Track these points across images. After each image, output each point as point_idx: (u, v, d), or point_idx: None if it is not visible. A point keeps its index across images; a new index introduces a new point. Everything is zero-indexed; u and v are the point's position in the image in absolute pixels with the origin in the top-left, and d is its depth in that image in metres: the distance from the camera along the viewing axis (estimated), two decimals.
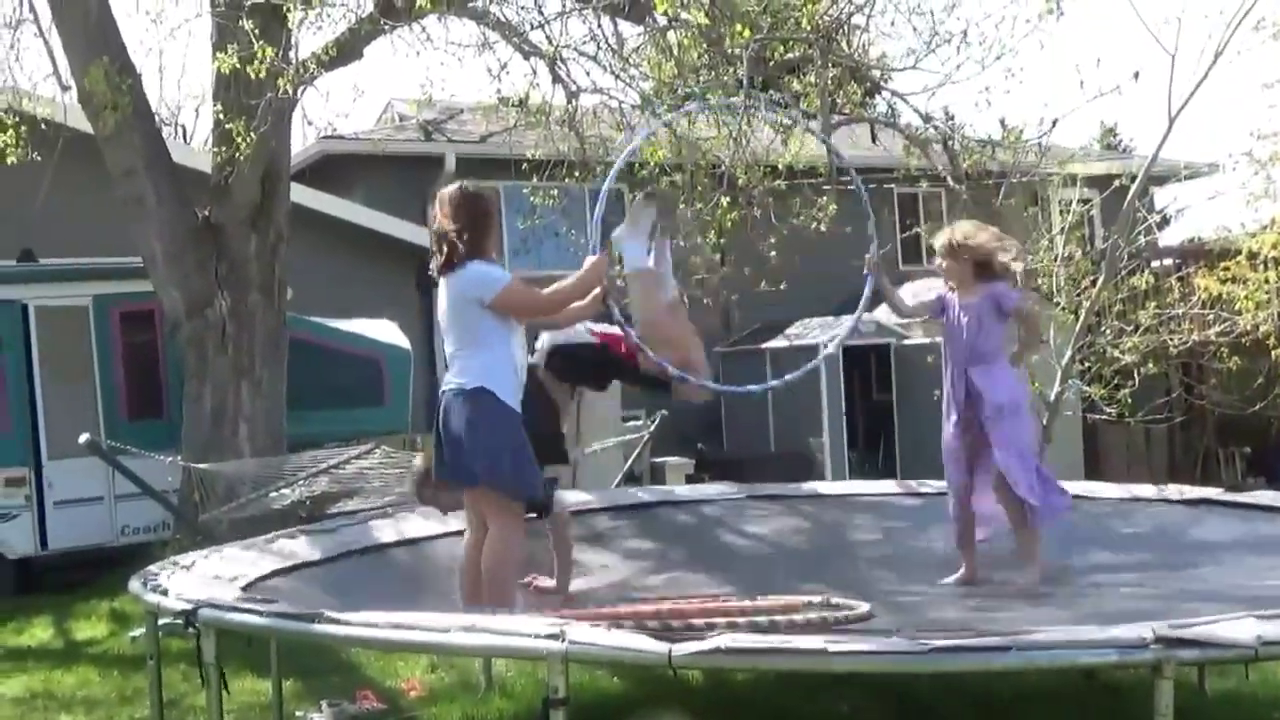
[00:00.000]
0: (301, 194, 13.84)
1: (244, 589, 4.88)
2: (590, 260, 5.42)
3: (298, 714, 6.15)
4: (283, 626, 4.20)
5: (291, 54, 9.26)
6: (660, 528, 7.21)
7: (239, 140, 9.38)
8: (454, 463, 5.17)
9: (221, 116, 9.76)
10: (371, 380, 13.10)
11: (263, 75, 8.86)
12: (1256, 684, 6.35)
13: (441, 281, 5.26)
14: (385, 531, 6.74)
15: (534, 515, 5.60)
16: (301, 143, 17.30)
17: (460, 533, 6.68)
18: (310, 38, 10.29)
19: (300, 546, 6.06)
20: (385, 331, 13.66)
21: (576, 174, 11.37)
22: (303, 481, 8.59)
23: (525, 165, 11.34)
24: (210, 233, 10.31)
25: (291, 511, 8.48)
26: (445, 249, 5.20)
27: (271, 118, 9.31)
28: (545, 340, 5.94)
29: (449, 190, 5.29)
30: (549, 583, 5.98)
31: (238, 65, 8.96)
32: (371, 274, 15.54)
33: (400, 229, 16.05)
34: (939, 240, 5.98)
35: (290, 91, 9.14)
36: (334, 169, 17.32)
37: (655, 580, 6.15)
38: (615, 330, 5.66)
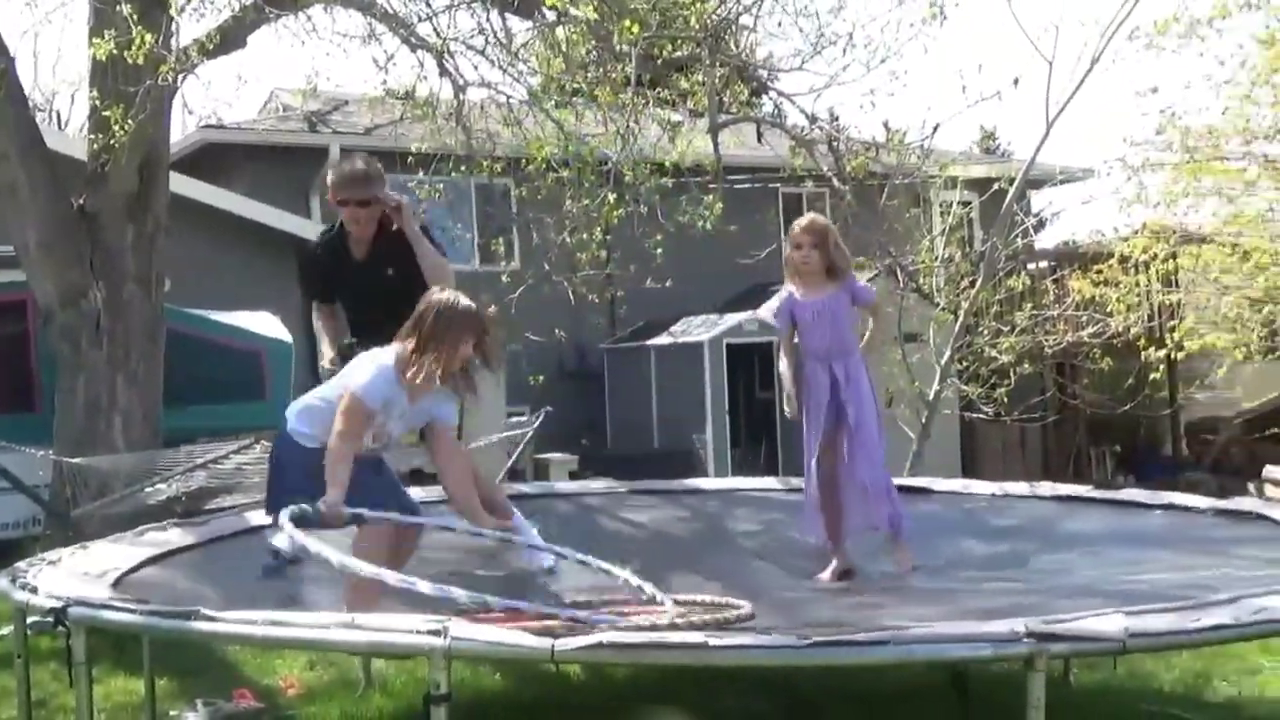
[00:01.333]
0: (181, 184, 13.57)
1: (115, 584, 4.77)
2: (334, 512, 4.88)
3: (172, 713, 6.04)
4: (156, 625, 4.12)
5: (172, 40, 9.08)
6: (543, 521, 7.20)
7: (116, 127, 9.18)
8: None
9: (98, 103, 9.54)
10: (252, 374, 12.90)
11: (142, 61, 8.68)
12: (1124, 676, 6.54)
13: None
14: (260, 517, 6.65)
15: None
16: (181, 131, 16.95)
17: None
18: (192, 24, 10.12)
19: (172, 538, 5.95)
20: (266, 325, 13.46)
21: (463, 168, 11.31)
22: (179, 477, 8.43)
23: (411, 158, 11.26)
24: (85, 222, 10.07)
25: (167, 507, 8.32)
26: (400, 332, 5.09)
27: (151, 105, 9.11)
28: None
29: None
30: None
31: (116, 51, 8.77)
32: (253, 266, 15.29)
33: (283, 221, 15.82)
34: (805, 224, 5.97)
35: (170, 79, 8.96)
36: (215, 159, 17.03)
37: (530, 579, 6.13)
38: None
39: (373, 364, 4.93)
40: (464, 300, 5.00)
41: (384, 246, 6.12)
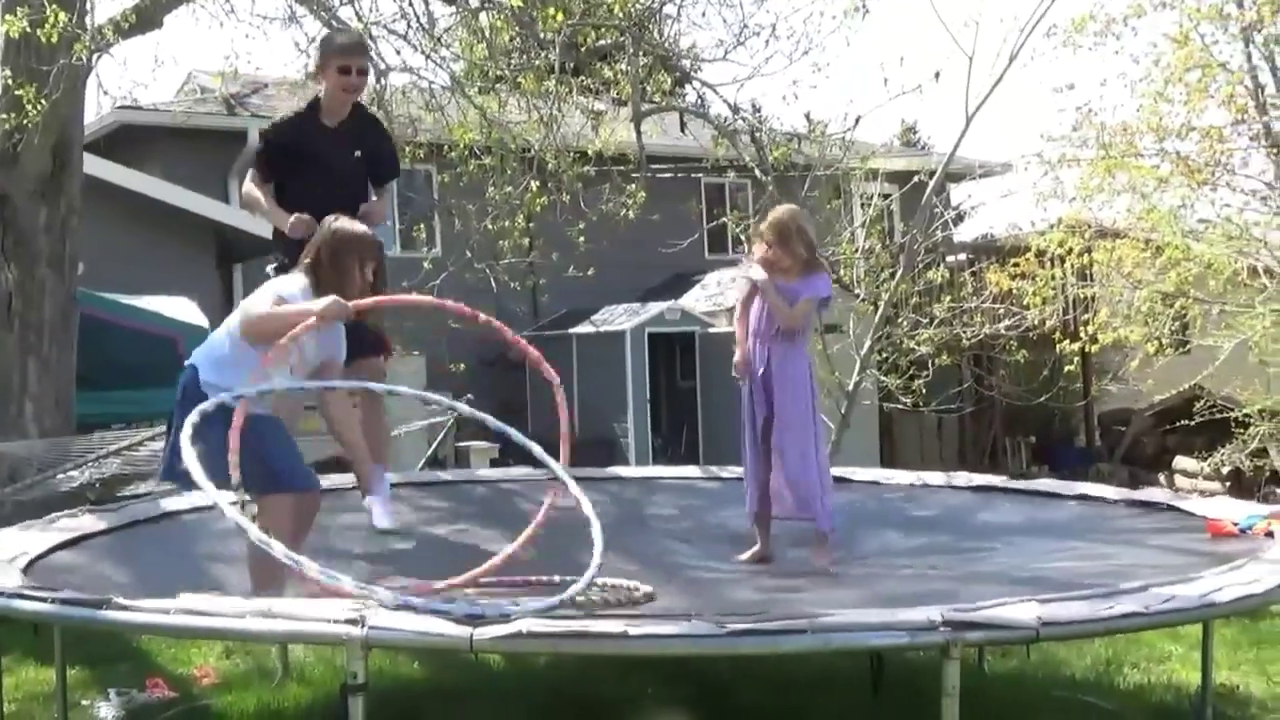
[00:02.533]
0: (96, 165, 13.35)
1: (25, 571, 4.69)
2: (330, 299, 5.14)
3: (84, 703, 5.95)
4: (68, 614, 4.06)
5: (87, 19, 8.92)
6: (460, 507, 7.19)
7: (29, 107, 9.00)
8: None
9: (11, 82, 9.35)
10: (167, 360, 12.67)
11: (56, 40, 8.52)
12: (1037, 664, 6.65)
13: None
14: (175, 502, 6.58)
15: None
16: (97, 112, 16.64)
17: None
18: (107, 3, 9.98)
19: (85, 525, 5.85)
20: (183, 310, 13.27)
21: None
22: (92, 463, 8.30)
23: None
24: None
25: (80, 494, 8.19)
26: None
27: (64, 85, 8.95)
28: None
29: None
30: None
31: (29, 29, 8.60)
32: (169, 251, 15.07)
33: (201, 205, 15.59)
34: (768, 221, 5.99)
35: (85, 58, 8.81)
36: (131, 141, 16.76)
37: (451, 557, 6.09)
38: None
39: (283, 279, 5.13)
40: (359, 227, 5.33)
41: (355, 129, 6.16)
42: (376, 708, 3.62)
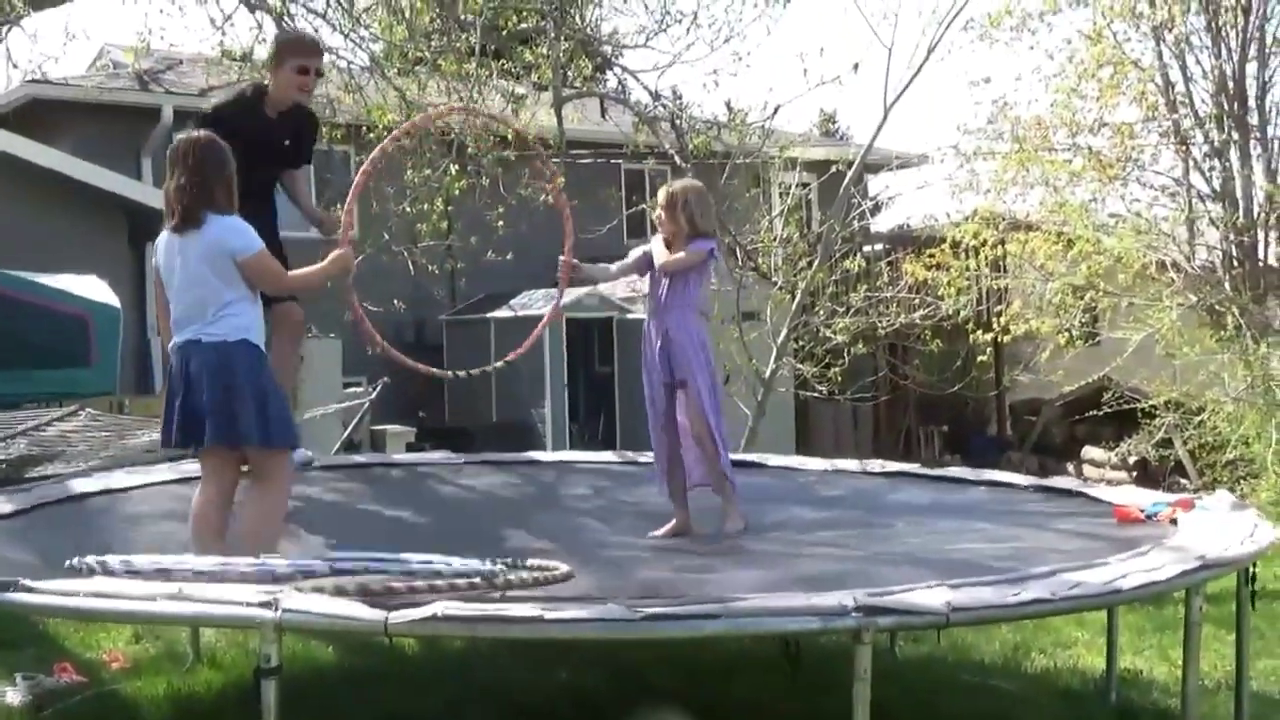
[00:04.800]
0: (4, 139, 13.10)
1: None
2: (336, 253, 5.35)
3: None
4: None
5: None
6: (376, 491, 7.14)
7: None
8: (219, 421, 5.00)
9: None
10: (77, 339, 12.49)
11: None
12: (947, 648, 6.75)
13: (180, 238, 5.07)
14: (85, 484, 6.48)
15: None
16: (5, 86, 16.32)
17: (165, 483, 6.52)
18: None
19: None
20: (93, 289, 13.04)
21: None
22: None
23: None
24: None
25: None
26: (188, 200, 5.02)
27: None
28: None
29: (184, 140, 5.13)
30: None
31: None
32: (80, 228, 14.81)
33: (112, 182, 15.33)
34: (665, 190, 6.08)
35: None
36: (41, 115, 16.43)
37: (361, 540, 6.07)
38: None
39: (225, 229, 5.02)
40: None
41: (293, 118, 6.20)
42: (290, 692, 3.60)
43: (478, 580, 3.93)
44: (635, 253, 6.25)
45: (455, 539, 5.54)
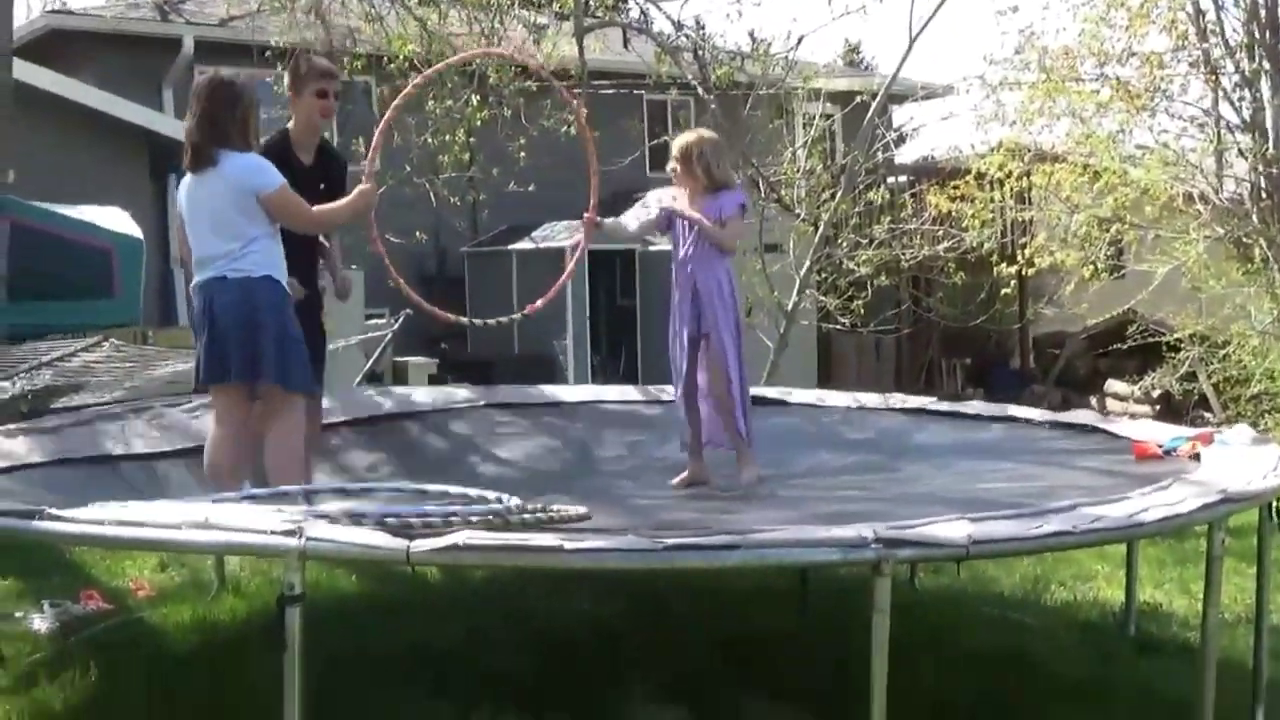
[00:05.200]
0: (25, 71, 13.04)
1: None
2: (360, 188, 5.36)
3: (17, 615, 5.93)
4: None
5: None
6: (396, 430, 7.16)
7: None
8: (243, 357, 5.02)
9: None
10: (100, 271, 12.52)
11: None
12: (967, 581, 6.77)
13: (200, 175, 5.07)
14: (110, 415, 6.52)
15: None
16: (26, 16, 16.29)
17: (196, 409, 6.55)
18: None
19: (16, 436, 5.78)
20: (116, 220, 13.05)
21: None
22: (24, 375, 8.20)
23: (268, 53, 10.95)
24: None
25: (12, 405, 8.10)
26: (199, 139, 5.03)
27: None
28: None
29: (198, 81, 5.14)
30: None
31: None
32: (101, 160, 14.80)
33: (134, 113, 15.30)
34: (677, 143, 6.03)
35: None
36: (62, 47, 16.39)
37: (383, 479, 6.10)
38: None
39: (243, 166, 5.05)
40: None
41: (321, 162, 6.01)
42: (313, 620, 3.63)
43: (493, 518, 3.94)
44: (651, 206, 6.20)
45: (473, 479, 5.59)
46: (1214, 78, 13.51)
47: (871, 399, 7.72)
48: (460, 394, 7.89)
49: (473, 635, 5.58)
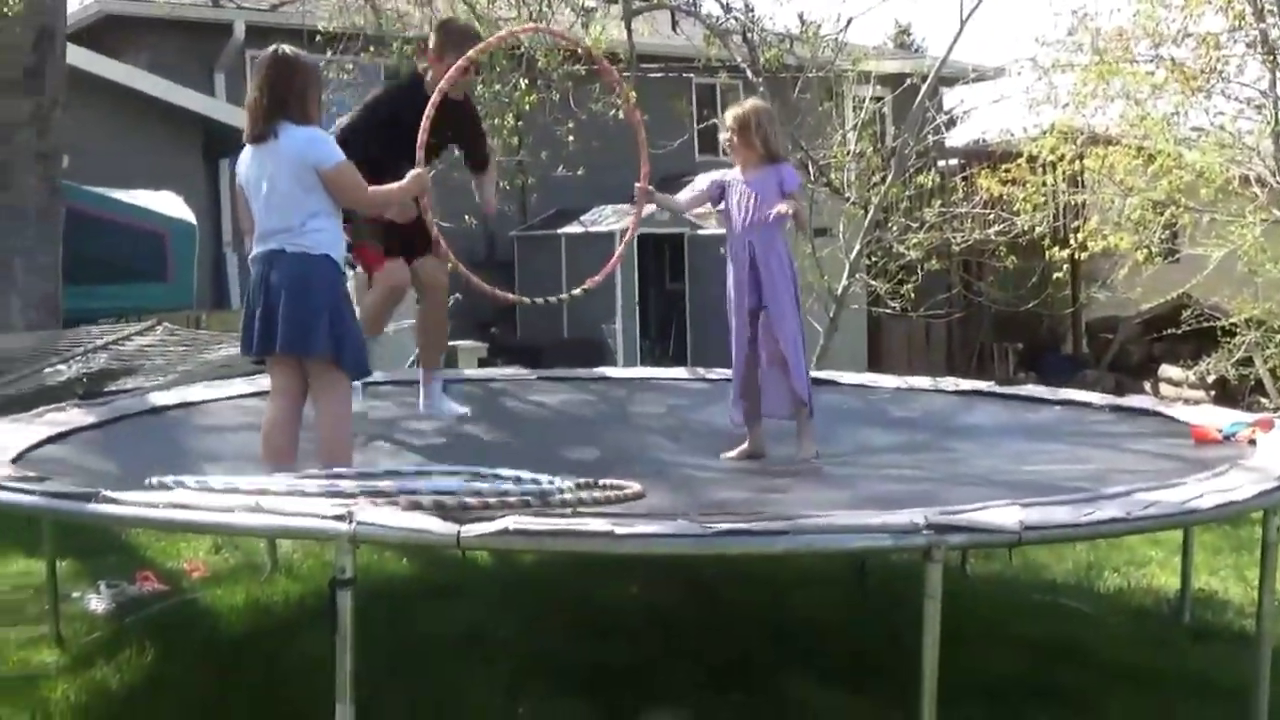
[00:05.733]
0: (79, 56, 13.17)
1: (14, 463, 4.69)
2: (413, 172, 5.37)
3: (74, 595, 6.01)
4: (56, 506, 4.07)
5: None
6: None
7: None
8: (294, 330, 5.05)
9: None
10: (154, 255, 12.66)
11: None
12: (1019, 568, 6.73)
13: (259, 147, 5.09)
14: (163, 397, 6.59)
15: None
16: (80, 2, 16.42)
17: (241, 396, 6.61)
18: None
19: (72, 418, 5.85)
20: (169, 204, 13.19)
21: (371, 48, 11.09)
22: (80, 358, 8.30)
23: (318, 37, 11.01)
24: None
25: (68, 388, 8.20)
26: (259, 111, 5.05)
27: None
28: None
29: (267, 52, 5.14)
30: None
31: None
32: (155, 144, 14.93)
33: (187, 98, 15.43)
34: (733, 113, 6.01)
35: None
36: (116, 32, 16.53)
37: (438, 456, 6.12)
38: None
39: (304, 140, 5.05)
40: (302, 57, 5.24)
41: (450, 112, 6.02)
42: (364, 602, 3.65)
43: (546, 499, 3.94)
44: (700, 182, 6.17)
45: (526, 455, 5.58)
46: (1272, 58, 13.30)
47: (923, 381, 7.67)
48: (511, 371, 7.92)
49: (523, 619, 5.60)
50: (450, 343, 15.31)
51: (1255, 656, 4.32)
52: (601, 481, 4.38)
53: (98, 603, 5.94)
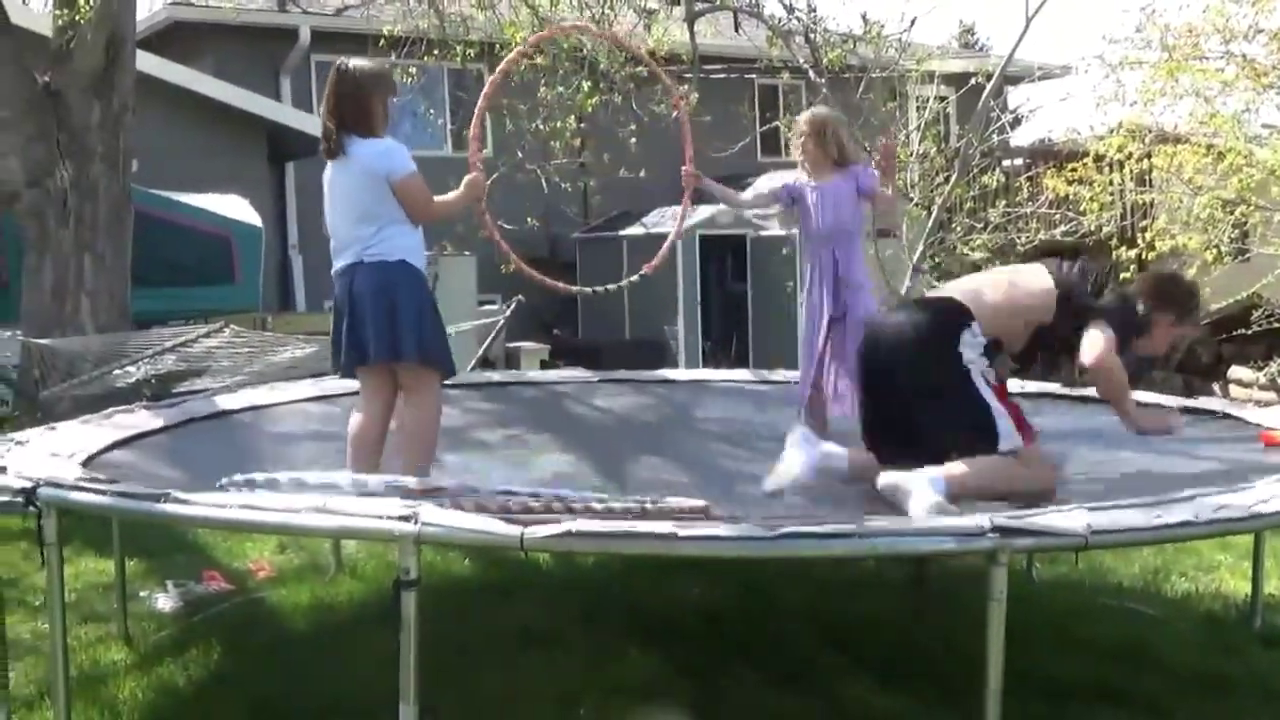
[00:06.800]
0: (148, 62, 13.35)
1: (84, 465, 4.76)
2: (469, 178, 5.43)
3: (142, 594, 6.09)
4: (126, 506, 4.12)
5: None
6: (512, 409, 7.22)
7: (82, 3, 8.99)
8: (381, 339, 5.11)
9: None
10: (221, 257, 12.81)
11: None
12: (1085, 572, 6.65)
13: (335, 162, 5.18)
14: (230, 400, 6.66)
15: None
16: (149, 8, 16.64)
17: (307, 399, 6.67)
18: None
19: (140, 421, 5.93)
20: (236, 208, 13.34)
21: (435, 52, 11.15)
22: (148, 359, 8.40)
23: (382, 41, 11.09)
24: (51, 100, 9.88)
25: (136, 390, 8.31)
26: (326, 127, 5.14)
27: None
28: None
29: (332, 70, 5.23)
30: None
31: None
32: (222, 148, 15.11)
33: (252, 102, 15.60)
34: (807, 116, 6.00)
35: None
36: (183, 38, 16.74)
37: (500, 461, 6.14)
38: None
39: (373, 152, 5.13)
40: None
41: None
42: (428, 603, 3.67)
43: (609, 509, 3.95)
44: (765, 184, 6.17)
45: (588, 460, 5.60)
46: None
47: None
48: (573, 373, 7.94)
49: (584, 620, 5.61)
50: (512, 344, 15.42)
51: None
52: (664, 500, 4.37)
53: (165, 601, 6.02)
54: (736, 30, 14.29)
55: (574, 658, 5.08)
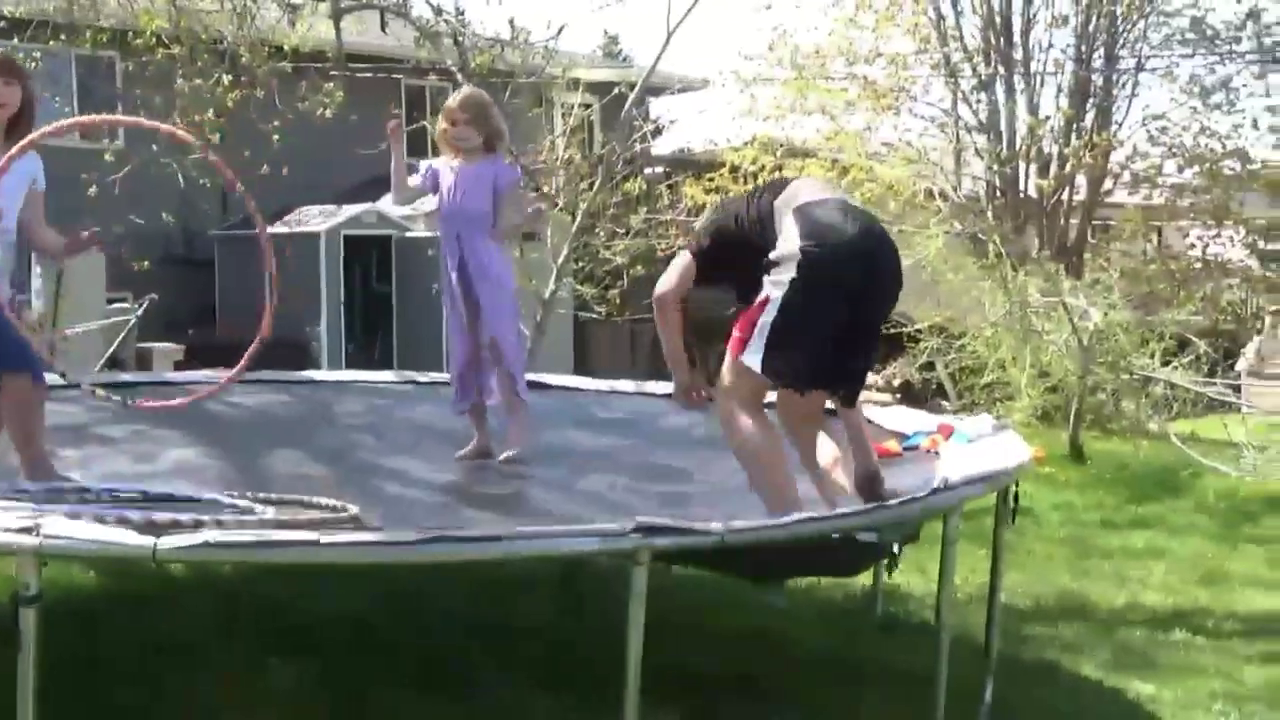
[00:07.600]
0: None
1: None
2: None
3: None
4: None
5: None
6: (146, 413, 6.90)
7: None
8: None
9: None
10: None
11: None
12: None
13: None
14: None
15: None
16: None
17: None
18: None
19: None
20: None
21: (63, 37, 10.58)
22: None
23: (2, 23, 10.43)
24: None
25: None
26: None
27: None
28: None
29: None
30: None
31: None
32: None
33: None
34: (461, 96, 5.94)
35: None
36: None
37: (126, 458, 5.86)
38: None
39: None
40: None
41: None
42: (51, 618, 3.48)
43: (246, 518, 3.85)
44: (420, 176, 6.12)
45: (218, 457, 5.43)
46: (954, 80, 14.12)
47: (627, 385, 7.81)
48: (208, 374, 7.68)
49: (221, 630, 5.44)
50: (144, 344, 14.75)
51: (936, 645, 4.57)
52: (313, 501, 4.28)
53: None
54: (383, 30, 14.13)
55: (211, 670, 4.92)
